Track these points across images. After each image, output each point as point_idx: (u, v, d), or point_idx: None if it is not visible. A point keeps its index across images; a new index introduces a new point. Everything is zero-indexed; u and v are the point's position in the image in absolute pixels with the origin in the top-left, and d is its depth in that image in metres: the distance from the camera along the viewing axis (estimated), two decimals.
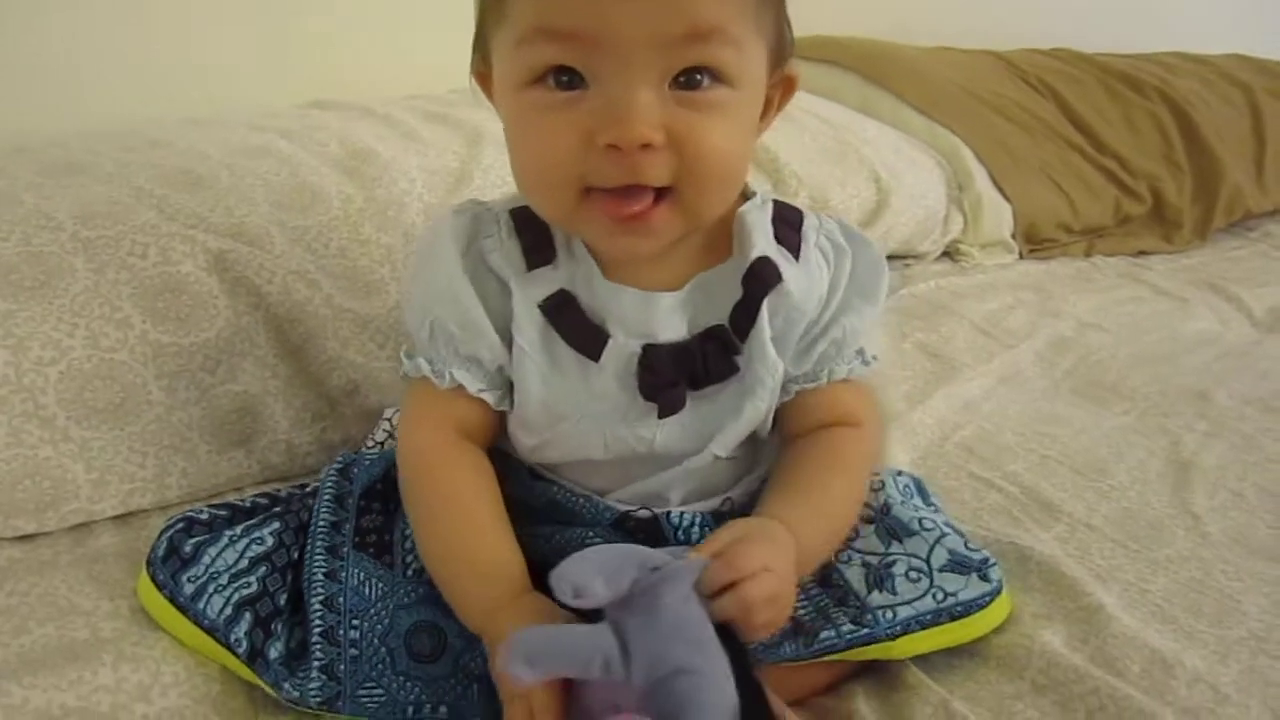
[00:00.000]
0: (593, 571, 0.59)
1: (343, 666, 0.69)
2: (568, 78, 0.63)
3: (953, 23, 2.11)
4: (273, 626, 0.72)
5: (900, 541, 0.76)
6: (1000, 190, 1.70)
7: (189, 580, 0.72)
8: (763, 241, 0.73)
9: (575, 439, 0.73)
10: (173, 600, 0.72)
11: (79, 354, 0.85)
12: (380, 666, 0.69)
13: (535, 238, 0.72)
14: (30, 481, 0.82)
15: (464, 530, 0.71)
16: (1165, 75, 2.06)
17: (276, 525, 0.77)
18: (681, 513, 0.75)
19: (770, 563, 0.63)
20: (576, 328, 0.71)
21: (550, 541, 0.73)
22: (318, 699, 0.68)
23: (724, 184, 0.69)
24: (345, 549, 0.75)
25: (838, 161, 1.51)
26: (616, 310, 0.71)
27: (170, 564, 0.73)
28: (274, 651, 0.70)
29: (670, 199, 0.66)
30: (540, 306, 0.71)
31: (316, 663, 0.69)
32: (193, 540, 0.74)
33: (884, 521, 0.77)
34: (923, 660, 0.74)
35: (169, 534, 0.74)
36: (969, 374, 1.23)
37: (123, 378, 0.86)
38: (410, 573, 0.74)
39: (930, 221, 1.61)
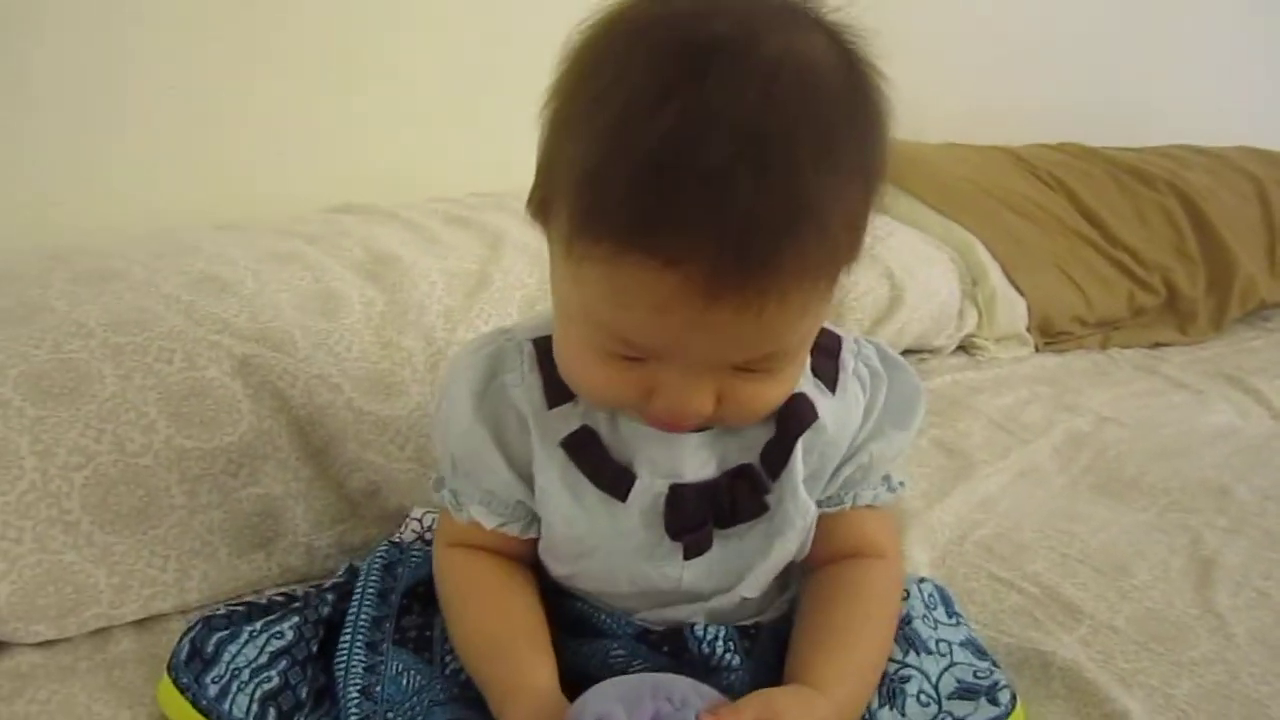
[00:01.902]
0: (614, 699, 0.60)
1: None
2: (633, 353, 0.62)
3: (959, 119, 2.15)
4: (295, 713, 0.72)
5: (918, 654, 0.75)
6: (1014, 284, 1.72)
7: (213, 681, 0.72)
8: (799, 377, 0.71)
9: (602, 574, 0.73)
10: (195, 703, 0.71)
11: (105, 459, 0.86)
12: None
13: (556, 372, 0.70)
14: (53, 587, 0.83)
15: (494, 613, 0.72)
16: (1174, 168, 2.09)
17: (295, 619, 0.77)
18: (706, 626, 0.73)
19: None
20: (601, 467, 0.69)
21: (575, 654, 0.73)
22: None
23: (767, 414, 0.68)
24: (385, 645, 0.75)
25: None
26: (642, 449, 0.69)
27: (193, 666, 0.73)
28: None
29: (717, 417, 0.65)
30: (562, 444, 0.69)
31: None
32: (215, 638, 0.74)
33: (903, 631, 0.76)
34: None
35: (190, 636, 0.75)
36: (986, 470, 1.23)
37: (147, 482, 0.87)
38: (448, 671, 0.73)
39: (944, 317, 1.63)
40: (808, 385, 0.71)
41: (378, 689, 0.72)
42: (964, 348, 1.70)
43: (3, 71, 1.19)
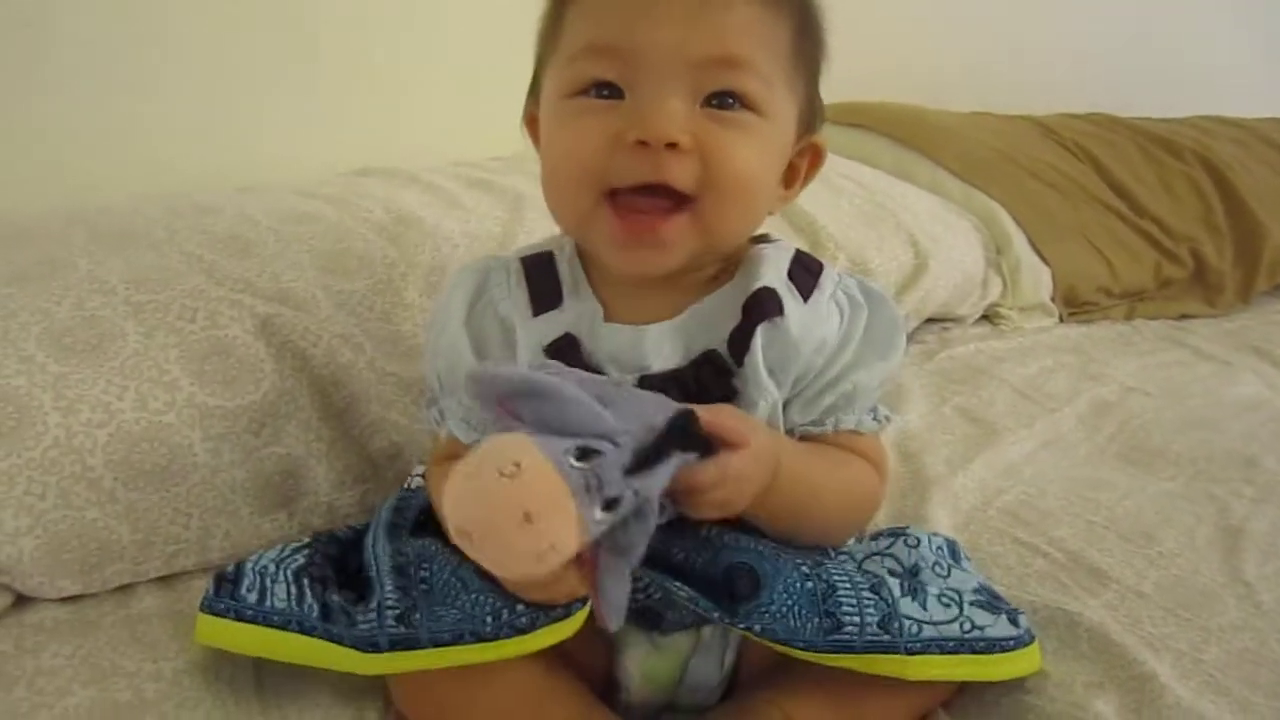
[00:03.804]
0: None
1: (416, 594, 0.70)
2: (608, 91, 0.68)
3: (986, 88, 2.13)
4: (328, 579, 0.74)
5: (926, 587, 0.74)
6: (1039, 253, 1.70)
7: (248, 590, 0.73)
8: (772, 274, 0.74)
9: None
10: (240, 616, 0.72)
11: (128, 416, 0.86)
12: (453, 593, 0.69)
13: (542, 283, 0.76)
14: (77, 543, 0.83)
15: None
16: (1202, 139, 2.06)
17: (308, 550, 0.79)
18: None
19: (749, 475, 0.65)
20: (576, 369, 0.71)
21: None
22: (395, 611, 0.68)
23: (743, 204, 0.71)
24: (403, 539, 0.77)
25: (875, 226, 1.52)
26: (611, 349, 0.73)
27: (224, 591, 0.73)
28: (336, 596, 0.72)
29: (688, 211, 0.69)
30: (545, 350, 0.73)
31: (390, 583, 0.70)
32: (233, 565, 0.76)
33: (909, 580, 0.75)
34: None
35: (213, 575, 0.76)
36: (1010, 438, 1.21)
37: (169, 440, 0.87)
38: None
39: (968, 285, 1.61)
40: (780, 285, 0.74)
41: (408, 549, 0.74)
42: (987, 317, 1.68)
43: (26, 37, 1.19)
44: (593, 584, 0.59)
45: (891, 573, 0.75)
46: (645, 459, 0.58)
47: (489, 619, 0.68)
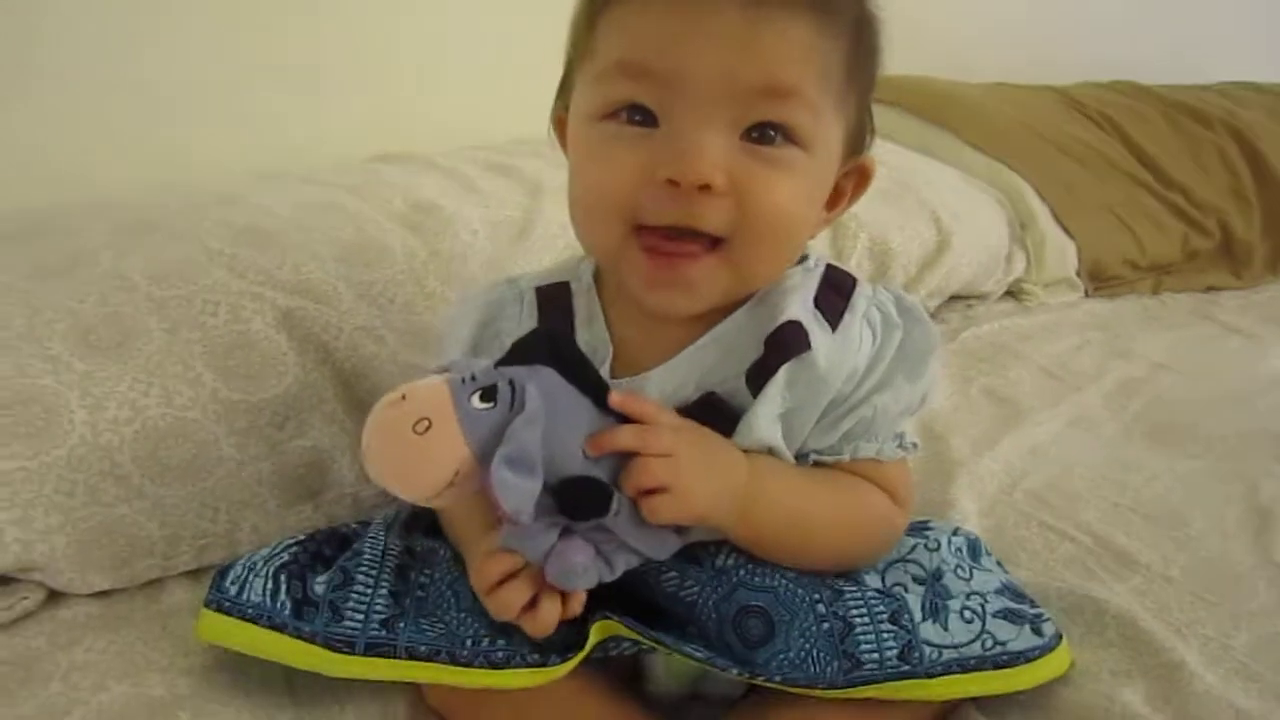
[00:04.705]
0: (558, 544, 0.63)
1: (409, 600, 0.70)
2: (641, 116, 0.64)
3: (1008, 58, 2.10)
4: (309, 572, 0.73)
5: (947, 601, 0.73)
6: (1064, 228, 1.68)
7: (231, 583, 0.73)
8: (797, 305, 0.70)
9: None
10: (219, 608, 0.72)
11: (153, 412, 0.87)
12: (444, 605, 0.70)
13: (555, 316, 0.73)
14: (107, 539, 0.83)
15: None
16: (1230, 106, 2.03)
17: (309, 532, 0.80)
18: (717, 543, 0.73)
19: (677, 452, 0.63)
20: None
21: None
22: (382, 616, 0.69)
23: (778, 245, 0.68)
24: (419, 535, 0.78)
25: (897, 203, 1.50)
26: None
27: (214, 584, 0.74)
28: (320, 586, 0.71)
29: (719, 252, 0.65)
30: None
31: (386, 586, 0.71)
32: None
33: (933, 587, 0.75)
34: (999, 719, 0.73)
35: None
36: (1036, 418, 1.20)
37: (195, 435, 0.88)
38: None
39: (993, 262, 1.59)
40: (806, 316, 0.70)
41: (417, 548, 0.74)
42: (1011, 293, 1.66)
43: (26, 18, 1.19)
44: (491, 495, 0.59)
45: (916, 579, 0.75)
46: (515, 354, 0.63)
47: (468, 642, 0.68)
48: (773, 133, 0.64)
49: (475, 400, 0.59)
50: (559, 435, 0.61)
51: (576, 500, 0.61)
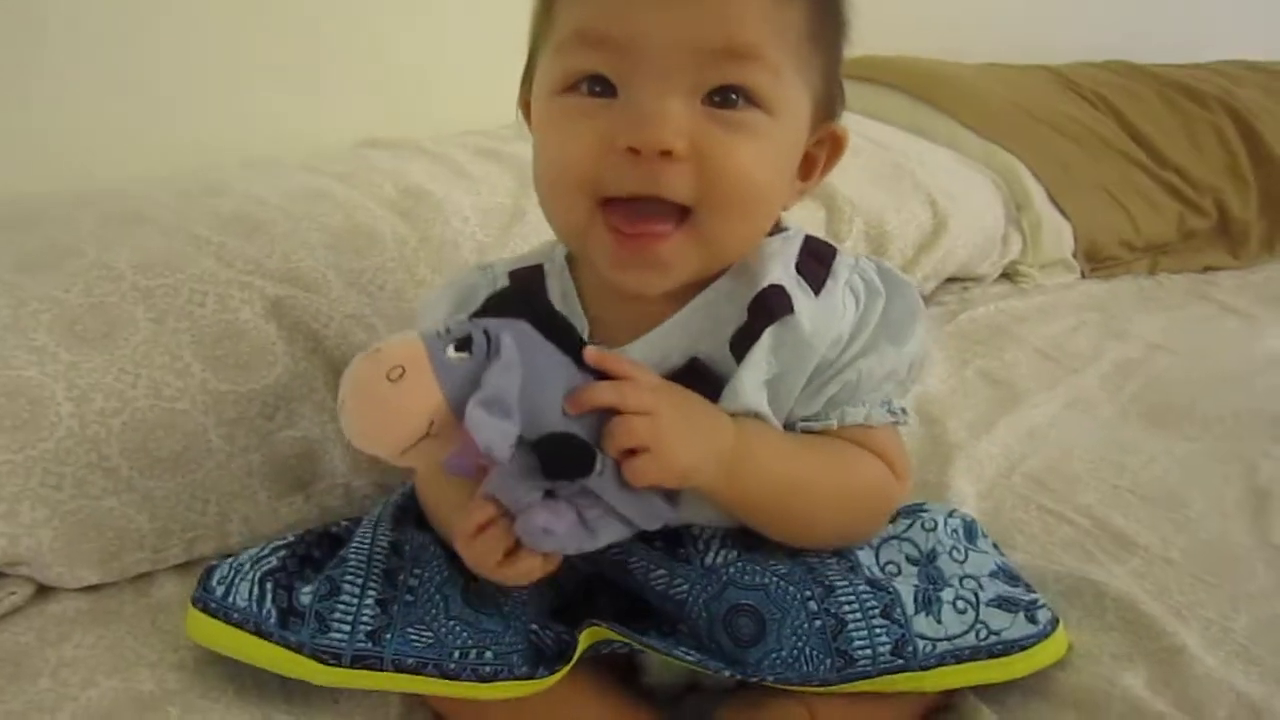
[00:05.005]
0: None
1: (396, 607, 0.69)
2: (600, 87, 0.64)
3: (1001, 38, 2.08)
4: (297, 580, 0.72)
5: (942, 588, 0.73)
6: (1059, 208, 1.67)
7: (218, 583, 0.72)
8: (779, 270, 0.70)
9: None
10: (205, 609, 0.71)
11: (141, 404, 0.85)
12: (433, 611, 0.69)
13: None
14: (95, 532, 0.83)
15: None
16: (1225, 84, 2.01)
17: (298, 534, 0.79)
18: (703, 527, 0.72)
19: (658, 410, 0.62)
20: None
21: (576, 563, 0.72)
22: (368, 628, 0.68)
23: (745, 212, 0.67)
24: (409, 527, 0.77)
25: (892, 186, 1.49)
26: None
27: (203, 580, 0.73)
28: (305, 597, 0.70)
29: (687, 225, 0.64)
30: None
31: (373, 594, 0.69)
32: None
33: (927, 569, 0.74)
34: (998, 705, 0.72)
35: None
36: (1033, 400, 1.20)
37: (184, 426, 0.87)
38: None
39: (988, 243, 1.58)
40: (789, 280, 0.70)
41: (406, 548, 0.73)
42: (1007, 275, 1.65)
43: (24, 12, 1.17)
44: (467, 443, 0.58)
45: (910, 559, 0.74)
46: (490, 309, 0.63)
47: (456, 653, 0.67)
48: (734, 95, 0.63)
49: (450, 351, 0.59)
50: (537, 388, 0.60)
51: (558, 458, 0.60)
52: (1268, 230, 1.86)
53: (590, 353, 0.63)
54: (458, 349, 0.59)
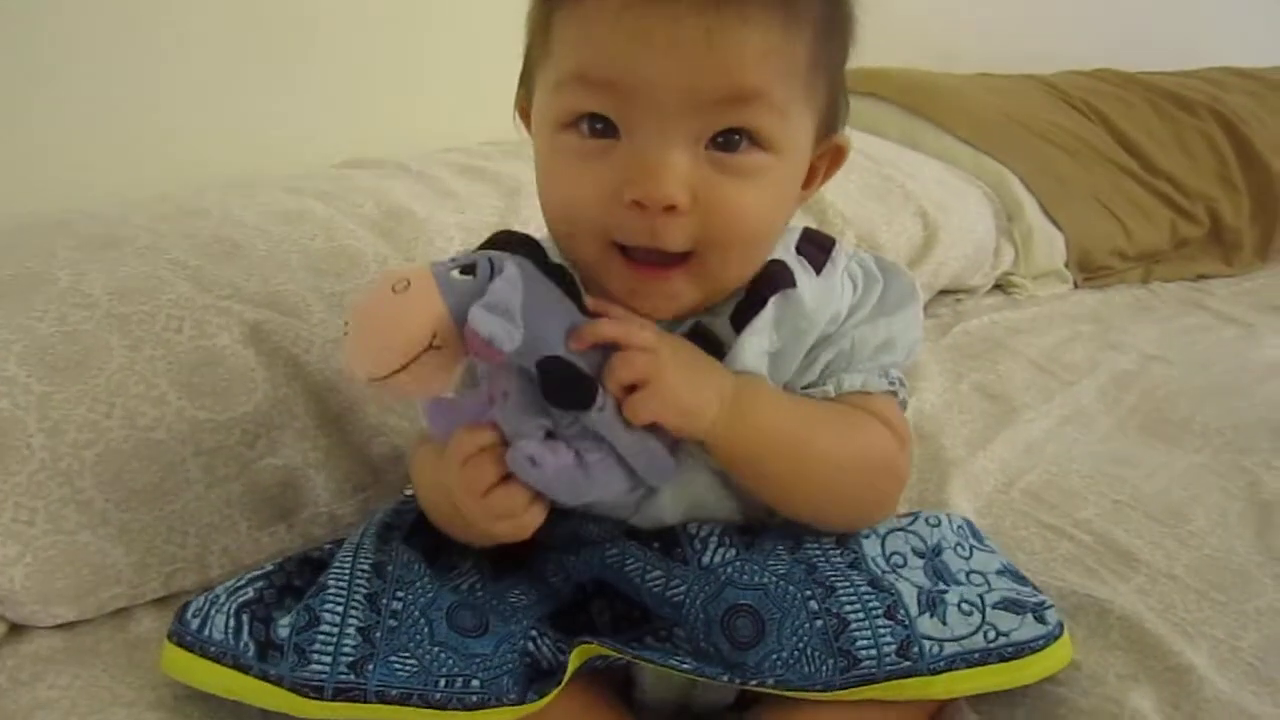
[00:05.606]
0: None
1: (379, 634, 0.67)
2: (601, 125, 0.63)
3: (990, 48, 2.08)
4: (276, 611, 0.70)
5: (947, 586, 0.71)
6: (1051, 219, 1.66)
7: (193, 615, 0.70)
8: (780, 249, 0.71)
9: None
10: (180, 643, 0.69)
11: (116, 434, 0.83)
12: (418, 638, 0.67)
13: None
14: (70, 568, 0.80)
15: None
16: (1214, 91, 2.02)
17: (278, 562, 0.76)
18: (700, 525, 0.71)
19: (660, 349, 0.63)
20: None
21: (574, 566, 0.72)
22: (349, 659, 0.65)
23: (747, 251, 0.67)
24: (395, 543, 0.74)
25: (883, 199, 1.48)
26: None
27: (179, 615, 0.71)
28: (284, 629, 0.67)
29: (689, 263, 0.65)
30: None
31: (354, 623, 0.67)
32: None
33: (933, 562, 0.73)
34: None
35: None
36: (1030, 414, 1.18)
37: (161, 457, 0.84)
38: (456, 573, 0.74)
39: (980, 255, 1.57)
40: (790, 258, 0.71)
41: (389, 569, 0.71)
42: (1000, 286, 1.65)
43: (13, 33, 1.16)
44: (473, 347, 0.59)
45: (915, 551, 0.73)
46: (492, 244, 0.65)
47: (441, 682, 0.65)
48: (737, 137, 0.63)
49: (455, 274, 0.60)
50: (540, 317, 0.60)
51: (560, 382, 0.61)
52: (1260, 237, 1.86)
53: (592, 301, 0.65)
54: (462, 273, 0.61)
